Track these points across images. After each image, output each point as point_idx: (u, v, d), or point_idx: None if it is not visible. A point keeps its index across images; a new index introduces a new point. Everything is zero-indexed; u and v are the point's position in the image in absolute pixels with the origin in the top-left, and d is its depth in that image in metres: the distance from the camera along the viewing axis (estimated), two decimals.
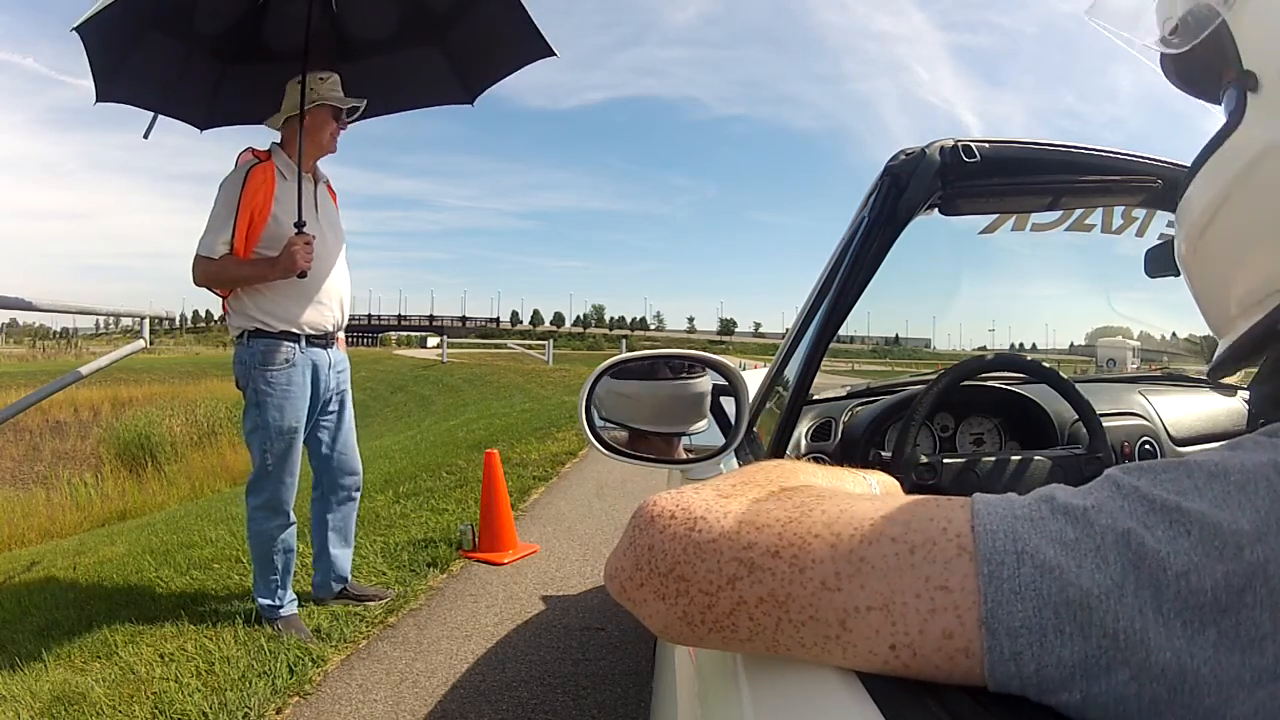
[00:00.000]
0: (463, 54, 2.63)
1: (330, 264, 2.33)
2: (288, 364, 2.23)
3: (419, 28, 2.55)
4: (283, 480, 2.29)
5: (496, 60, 2.64)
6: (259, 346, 2.22)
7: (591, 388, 0.99)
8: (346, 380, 2.49)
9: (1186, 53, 0.46)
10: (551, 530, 3.77)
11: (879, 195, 0.91)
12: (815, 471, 0.50)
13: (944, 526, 0.33)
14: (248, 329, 2.23)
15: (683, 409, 1.05)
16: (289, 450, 2.27)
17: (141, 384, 17.30)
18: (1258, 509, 0.28)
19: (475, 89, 2.72)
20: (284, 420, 2.23)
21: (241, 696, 1.97)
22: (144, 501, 7.17)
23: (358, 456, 2.56)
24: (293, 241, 2.16)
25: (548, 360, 20.12)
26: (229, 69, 2.51)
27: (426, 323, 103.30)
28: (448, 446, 6.21)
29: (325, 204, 2.38)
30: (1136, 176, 0.95)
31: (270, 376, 2.21)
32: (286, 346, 2.23)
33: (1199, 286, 0.49)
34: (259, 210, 2.17)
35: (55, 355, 41.39)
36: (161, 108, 2.44)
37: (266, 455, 2.25)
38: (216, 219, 2.18)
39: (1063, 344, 3.55)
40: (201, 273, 2.20)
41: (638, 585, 0.40)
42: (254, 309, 2.21)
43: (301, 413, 2.28)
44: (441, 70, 2.67)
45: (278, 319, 2.22)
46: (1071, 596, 0.29)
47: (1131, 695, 0.28)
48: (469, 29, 2.53)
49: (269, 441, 2.24)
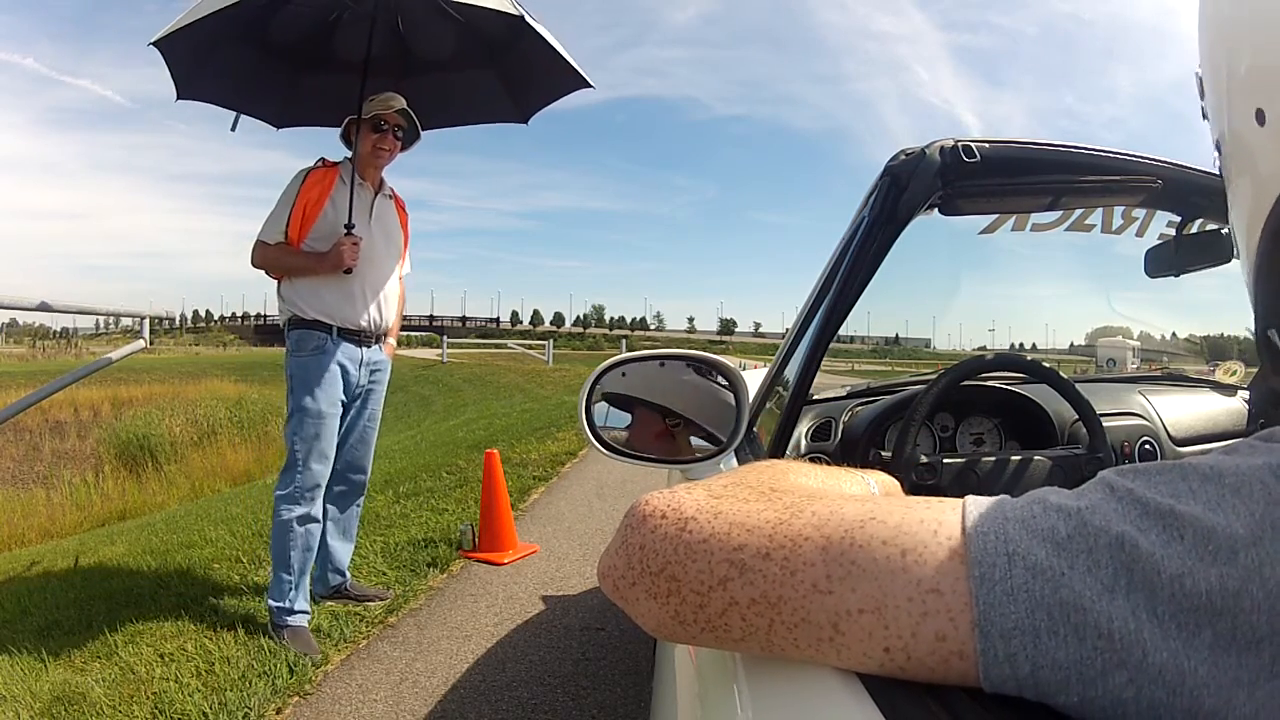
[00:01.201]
0: (516, 77, 2.84)
1: (377, 267, 2.46)
2: (318, 351, 2.34)
3: (475, 51, 2.74)
4: (310, 467, 2.33)
5: (547, 85, 2.85)
6: (295, 334, 2.37)
7: (591, 388, 0.99)
8: (381, 381, 2.57)
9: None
10: (551, 530, 3.77)
11: (879, 195, 0.91)
12: (809, 472, 0.50)
13: (935, 529, 0.33)
14: (288, 316, 2.39)
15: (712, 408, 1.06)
16: (319, 436, 2.33)
17: (141, 384, 17.28)
18: (1252, 512, 0.28)
19: (529, 109, 2.92)
20: (314, 403, 2.32)
21: (241, 696, 1.97)
22: (144, 501, 7.17)
23: (369, 455, 2.62)
24: (341, 241, 2.33)
25: (548, 360, 20.13)
26: (301, 75, 2.75)
27: (427, 323, 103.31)
28: (448, 446, 6.21)
29: (385, 213, 2.54)
30: (1136, 176, 0.95)
31: (302, 362, 2.34)
32: (317, 335, 2.35)
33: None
34: (311, 205, 2.36)
35: (55, 355, 41.36)
36: (240, 107, 2.69)
37: (295, 439, 2.32)
38: (277, 209, 2.39)
39: (1063, 344, 3.56)
40: (259, 255, 2.40)
41: (630, 584, 0.40)
42: (295, 296, 2.38)
43: (334, 399, 2.37)
44: (496, 91, 2.87)
45: (312, 308, 2.36)
46: (1065, 598, 0.29)
47: (1130, 698, 0.28)
48: (520, 56, 2.72)
49: (300, 427, 2.32)
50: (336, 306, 2.38)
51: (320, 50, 2.65)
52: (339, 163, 2.47)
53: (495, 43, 2.68)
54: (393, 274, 2.55)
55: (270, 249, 2.37)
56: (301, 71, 2.74)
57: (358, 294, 2.41)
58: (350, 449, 2.54)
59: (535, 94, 2.88)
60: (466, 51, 2.72)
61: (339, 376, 2.38)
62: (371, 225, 2.45)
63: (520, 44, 2.61)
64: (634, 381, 1.06)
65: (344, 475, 2.55)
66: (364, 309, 2.43)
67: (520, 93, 2.88)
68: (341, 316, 2.39)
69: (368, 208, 2.45)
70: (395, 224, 2.60)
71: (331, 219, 2.38)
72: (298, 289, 2.38)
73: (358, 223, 2.38)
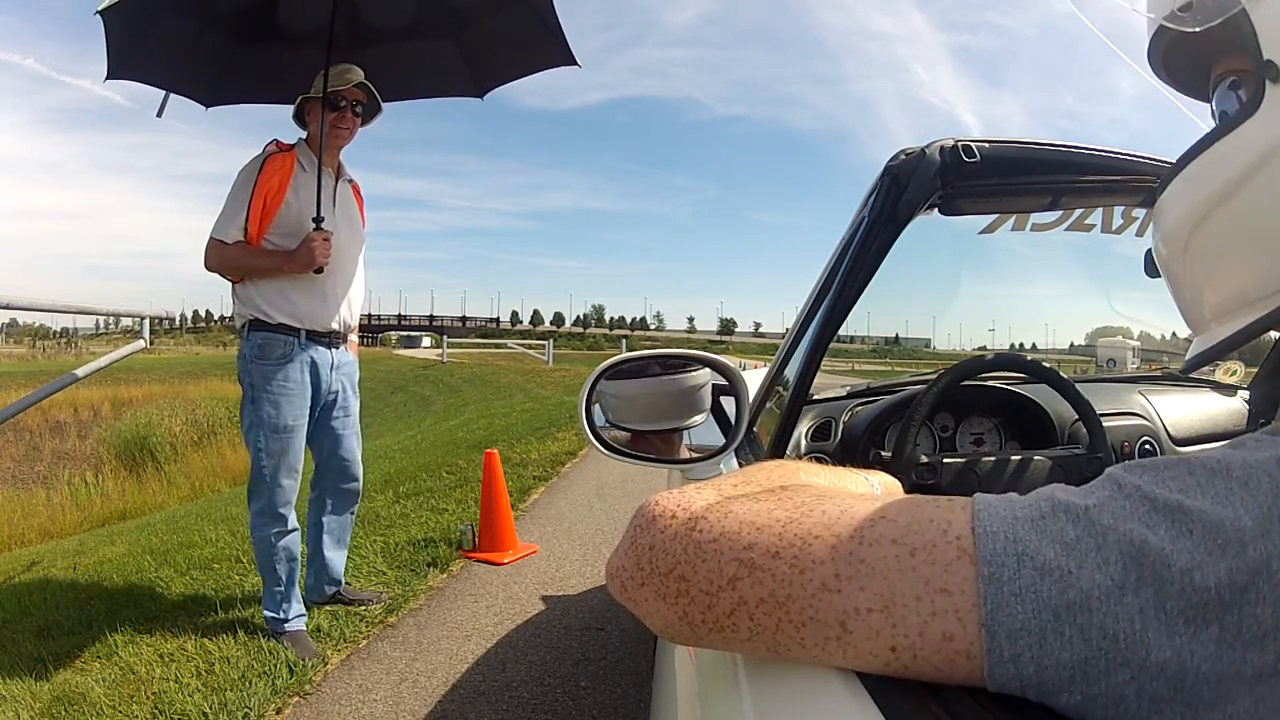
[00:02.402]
0: (478, 50, 2.62)
1: (345, 263, 2.28)
2: (284, 359, 2.16)
3: (436, 21, 2.53)
4: (279, 483, 2.19)
5: (513, 61, 2.64)
6: (257, 339, 2.17)
7: (591, 388, 0.99)
8: (352, 383, 2.41)
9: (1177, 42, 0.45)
10: (551, 530, 3.77)
11: (879, 195, 0.92)
12: (816, 472, 0.50)
13: (944, 529, 0.33)
14: (248, 319, 2.19)
15: (680, 404, 1.05)
16: (285, 451, 2.19)
17: (141, 384, 17.29)
18: (1260, 505, 0.28)
19: (486, 85, 2.70)
20: (280, 418, 2.16)
21: (241, 696, 1.97)
22: (144, 501, 7.17)
23: (359, 463, 2.47)
24: (312, 237, 2.13)
25: (548, 360, 20.11)
26: (239, 47, 2.45)
27: (427, 323, 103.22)
28: (448, 446, 6.21)
29: (346, 202, 2.35)
30: (1136, 176, 0.95)
31: (266, 370, 2.15)
32: (284, 340, 2.17)
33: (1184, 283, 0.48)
34: (272, 195, 2.15)
35: (55, 355, 41.38)
36: (170, 85, 2.39)
37: (262, 455, 2.17)
38: (232, 203, 2.16)
39: (1063, 344, 3.56)
40: (215, 257, 2.17)
41: (638, 585, 0.40)
42: (258, 298, 2.17)
43: (300, 411, 2.21)
44: (455, 62, 2.65)
45: (279, 310, 2.17)
46: (1072, 598, 0.29)
47: (1132, 695, 0.28)
48: (488, 28, 2.53)
49: (264, 440, 2.16)
50: (306, 308, 2.19)
51: (264, 18, 2.37)
52: (294, 145, 2.25)
53: (462, 13, 2.49)
54: (359, 269, 2.38)
55: (229, 249, 2.13)
56: (241, 44, 2.44)
57: (329, 293, 2.23)
58: (338, 459, 2.40)
59: (502, 67, 2.67)
60: (428, 21, 2.52)
61: (307, 386, 2.21)
62: (336, 216, 2.25)
63: (493, 17, 2.45)
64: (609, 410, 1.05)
65: (336, 487, 2.43)
66: (335, 309, 2.25)
67: (481, 66, 2.66)
68: (311, 319, 2.20)
69: (331, 196, 2.24)
70: (356, 213, 2.41)
71: (295, 210, 2.16)
72: (261, 289, 2.17)
73: (324, 214, 2.17)
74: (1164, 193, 0.49)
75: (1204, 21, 0.41)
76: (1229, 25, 0.41)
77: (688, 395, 1.05)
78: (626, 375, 1.04)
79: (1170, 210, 0.48)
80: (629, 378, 1.05)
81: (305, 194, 2.19)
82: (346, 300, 2.31)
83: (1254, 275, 0.42)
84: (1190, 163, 0.45)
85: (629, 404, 1.05)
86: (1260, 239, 0.41)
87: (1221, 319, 0.45)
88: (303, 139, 2.31)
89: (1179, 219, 0.47)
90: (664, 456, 1.06)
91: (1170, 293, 0.50)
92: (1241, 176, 0.41)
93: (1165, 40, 0.47)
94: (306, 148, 2.28)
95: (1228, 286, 0.44)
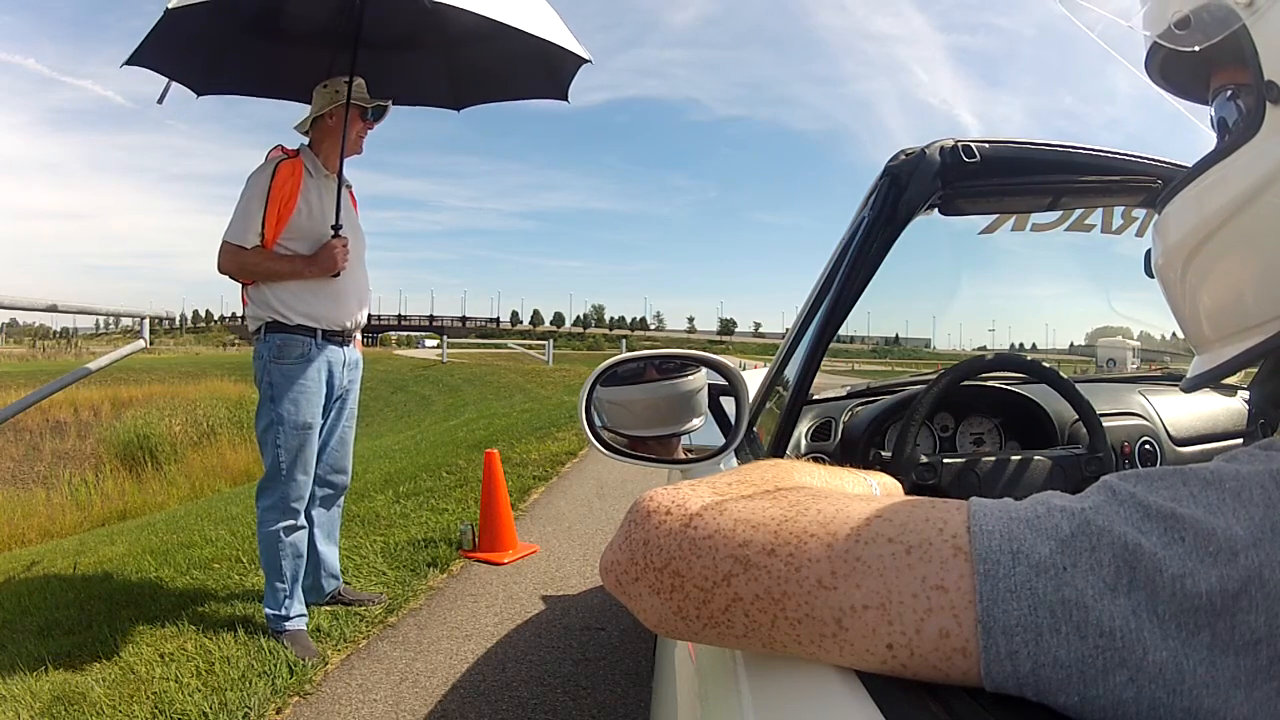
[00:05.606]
0: (465, 69, 2.72)
1: (356, 264, 2.38)
2: (302, 359, 2.23)
3: (433, 39, 2.61)
4: (295, 479, 2.26)
5: (498, 86, 2.76)
6: (275, 340, 2.23)
7: (592, 388, 0.99)
8: (357, 379, 2.50)
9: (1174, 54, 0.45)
10: (551, 530, 3.77)
11: (879, 195, 0.92)
12: (813, 471, 0.50)
13: (940, 527, 0.33)
14: (265, 321, 2.25)
15: (677, 409, 1.05)
16: (303, 447, 2.25)
17: (141, 384, 17.26)
18: (1252, 516, 0.29)
19: (465, 102, 2.83)
20: (299, 415, 2.23)
21: (241, 696, 1.97)
22: (144, 501, 7.17)
23: (349, 455, 2.53)
24: (332, 244, 2.24)
25: (548, 360, 20.11)
26: (242, 37, 2.46)
27: (427, 323, 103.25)
28: (448, 446, 6.21)
29: (348, 205, 2.41)
30: (1136, 176, 0.95)
31: (285, 370, 2.22)
32: (302, 340, 2.24)
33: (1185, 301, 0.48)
34: (285, 202, 2.21)
35: (55, 355, 41.38)
36: (171, 73, 2.40)
37: (280, 453, 2.23)
38: (247, 207, 2.20)
39: (1063, 344, 3.55)
40: (231, 260, 2.22)
41: (633, 579, 0.40)
42: (274, 300, 2.23)
43: (317, 409, 2.28)
44: (440, 77, 2.75)
45: (297, 312, 2.23)
46: (1067, 596, 0.29)
47: (1130, 698, 0.28)
48: (479, 54, 2.61)
49: (283, 438, 2.22)
50: (324, 309, 2.27)
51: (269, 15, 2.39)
52: (298, 151, 2.32)
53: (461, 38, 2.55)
54: (364, 269, 2.48)
55: (248, 254, 2.20)
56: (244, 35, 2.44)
57: (341, 294, 2.32)
58: (331, 451, 2.45)
59: (485, 89, 2.80)
60: (428, 38, 2.59)
61: (323, 384, 2.30)
62: (344, 221, 2.34)
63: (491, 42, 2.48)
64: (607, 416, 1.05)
65: (326, 479, 2.47)
66: (346, 309, 2.34)
67: (464, 83, 2.78)
68: (328, 319, 2.29)
69: (340, 203, 2.33)
70: (356, 216, 2.50)
71: (306, 215, 2.24)
72: (276, 292, 2.23)
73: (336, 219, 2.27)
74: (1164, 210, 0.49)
75: (1203, 40, 0.41)
76: (1229, 37, 0.40)
77: (685, 399, 1.05)
78: (626, 378, 1.04)
79: (1170, 230, 0.48)
80: (628, 381, 1.05)
81: (314, 199, 2.27)
82: (357, 300, 2.40)
83: (1254, 299, 0.42)
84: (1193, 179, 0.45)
85: (627, 410, 1.05)
86: (1260, 263, 0.41)
87: (1224, 340, 0.45)
88: (305, 145, 2.37)
89: (1179, 239, 0.47)
90: (664, 457, 1.06)
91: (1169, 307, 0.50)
92: (1242, 200, 0.41)
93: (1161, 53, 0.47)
94: (311, 153, 2.34)
95: (1227, 309, 0.44)
